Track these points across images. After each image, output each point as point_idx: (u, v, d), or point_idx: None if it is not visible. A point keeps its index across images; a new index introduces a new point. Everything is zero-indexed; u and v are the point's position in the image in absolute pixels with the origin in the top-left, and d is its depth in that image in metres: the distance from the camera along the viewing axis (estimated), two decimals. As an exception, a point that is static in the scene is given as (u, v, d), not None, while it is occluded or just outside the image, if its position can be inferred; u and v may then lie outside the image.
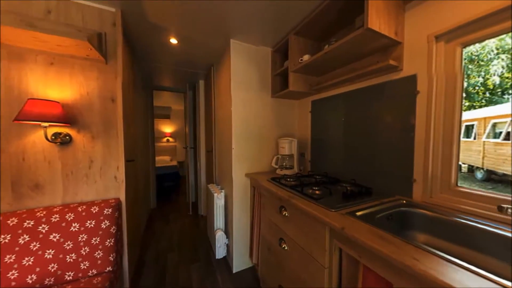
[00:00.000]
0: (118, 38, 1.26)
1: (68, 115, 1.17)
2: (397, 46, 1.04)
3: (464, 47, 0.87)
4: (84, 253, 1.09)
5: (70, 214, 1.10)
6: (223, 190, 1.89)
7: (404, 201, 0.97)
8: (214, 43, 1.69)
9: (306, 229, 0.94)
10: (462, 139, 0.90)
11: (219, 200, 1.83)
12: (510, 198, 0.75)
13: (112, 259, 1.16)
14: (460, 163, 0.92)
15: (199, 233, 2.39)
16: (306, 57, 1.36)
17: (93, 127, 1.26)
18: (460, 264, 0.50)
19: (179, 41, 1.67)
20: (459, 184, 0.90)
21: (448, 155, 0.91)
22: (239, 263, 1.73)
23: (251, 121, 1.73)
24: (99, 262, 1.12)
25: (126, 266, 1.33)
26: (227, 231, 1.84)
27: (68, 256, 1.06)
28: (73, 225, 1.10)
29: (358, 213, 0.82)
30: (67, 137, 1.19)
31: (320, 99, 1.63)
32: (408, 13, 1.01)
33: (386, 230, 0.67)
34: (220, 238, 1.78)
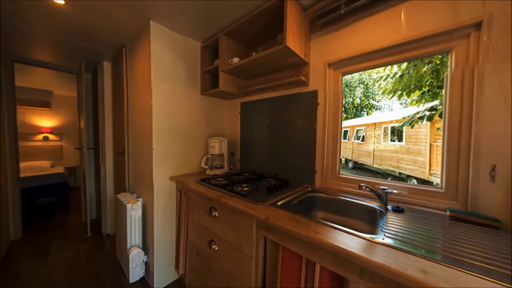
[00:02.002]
0: None
1: None
2: (306, 66, 1.30)
3: (343, 75, 1.23)
4: None
5: None
6: (140, 199, 1.59)
7: (310, 188, 1.23)
8: (127, 19, 1.38)
9: (236, 225, 0.98)
10: (342, 140, 1.28)
11: (134, 212, 1.51)
12: (364, 179, 1.15)
13: None
14: (341, 157, 1.30)
15: (104, 258, 1.87)
16: (236, 60, 1.40)
17: None
18: (341, 229, 0.70)
19: (68, 2, 1.22)
20: (340, 172, 1.26)
21: (334, 152, 1.25)
22: (162, 278, 1.52)
23: (178, 118, 1.57)
24: None
25: None
26: (146, 247, 1.56)
27: None
28: None
29: (279, 203, 0.96)
30: None
31: (249, 101, 1.75)
32: (312, 41, 1.29)
33: (298, 214, 0.83)
34: (135, 257, 1.48)
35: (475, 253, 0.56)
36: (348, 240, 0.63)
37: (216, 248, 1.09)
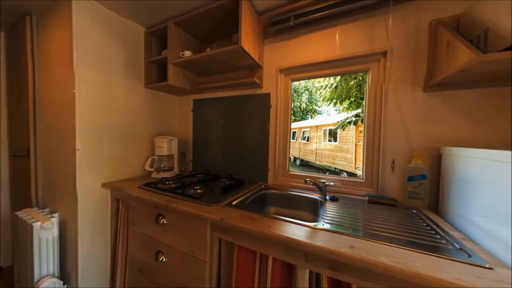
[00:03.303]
0: None
1: None
2: (260, 69, 1.36)
3: (292, 81, 1.36)
4: None
5: None
6: (55, 215, 1.24)
7: (263, 186, 1.29)
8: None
9: (188, 230, 0.91)
10: (291, 140, 1.41)
11: (46, 232, 1.17)
12: (309, 175, 1.30)
13: None
14: (290, 156, 1.43)
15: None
16: (188, 53, 1.31)
17: None
18: (290, 221, 0.77)
19: None
20: (290, 169, 1.39)
21: (285, 151, 1.37)
22: (91, 309, 1.24)
23: (113, 113, 1.32)
24: None
25: None
26: (66, 274, 1.24)
27: None
28: None
29: (234, 203, 0.96)
30: None
31: (202, 99, 1.67)
32: (266, 46, 1.36)
33: (253, 211, 0.85)
34: (49, 290, 1.14)
35: (382, 227, 0.73)
36: (296, 230, 0.70)
37: (164, 259, 0.99)
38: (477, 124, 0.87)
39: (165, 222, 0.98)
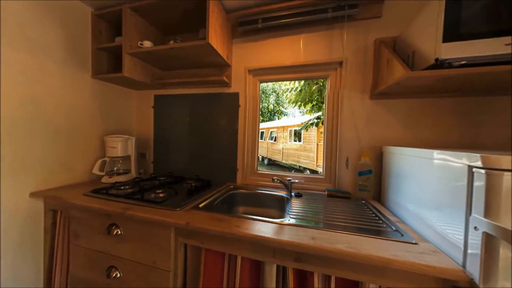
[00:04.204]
0: None
1: None
2: (228, 67, 1.34)
3: (261, 82, 1.39)
4: None
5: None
6: (-44, 237, 0.94)
7: (232, 186, 1.28)
8: None
9: (148, 239, 0.83)
10: (259, 140, 1.44)
11: None
12: (276, 173, 1.36)
13: None
14: (258, 155, 1.46)
15: None
16: (148, 44, 1.19)
17: None
18: (258, 219, 0.78)
19: None
20: (258, 169, 1.41)
21: (253, 150, 1.39)
22: None
23: (48, 106, 1.09)
24: None
25: None
26: (-26, 312, 0.95)
27: None
28: None
29: (201, 205, 0.92)
30: None
31: (165, 95, 1.54)
32: (234, 45, 1.35)
33: (221, 212, 0.84)
34: None
35: (339, 217, 0.82)
36: (264, 228, 0.72)
37: (118, 275, 0.87)
38: (407, 127, 1.07)
39: (119, 232, 0.87)
